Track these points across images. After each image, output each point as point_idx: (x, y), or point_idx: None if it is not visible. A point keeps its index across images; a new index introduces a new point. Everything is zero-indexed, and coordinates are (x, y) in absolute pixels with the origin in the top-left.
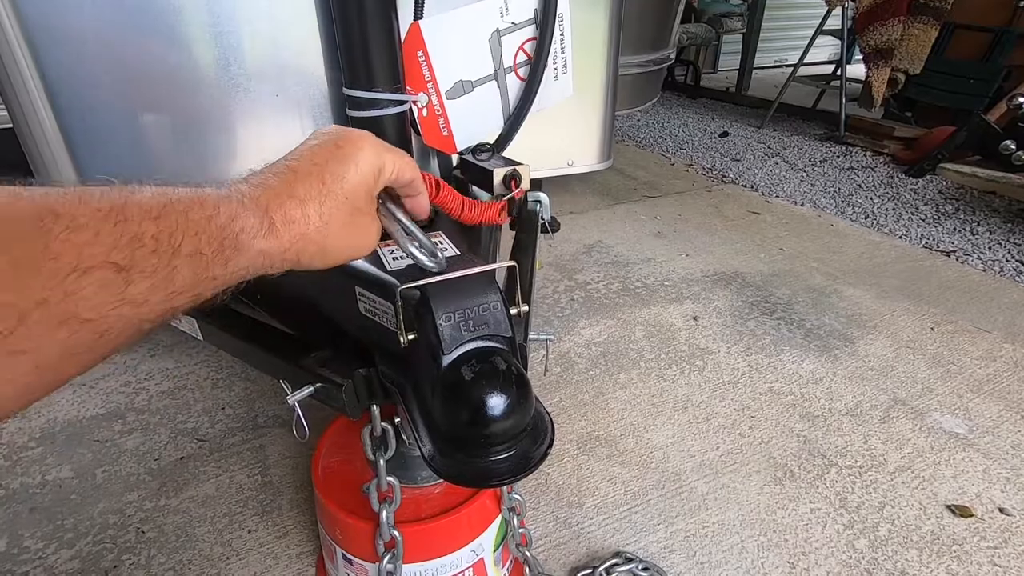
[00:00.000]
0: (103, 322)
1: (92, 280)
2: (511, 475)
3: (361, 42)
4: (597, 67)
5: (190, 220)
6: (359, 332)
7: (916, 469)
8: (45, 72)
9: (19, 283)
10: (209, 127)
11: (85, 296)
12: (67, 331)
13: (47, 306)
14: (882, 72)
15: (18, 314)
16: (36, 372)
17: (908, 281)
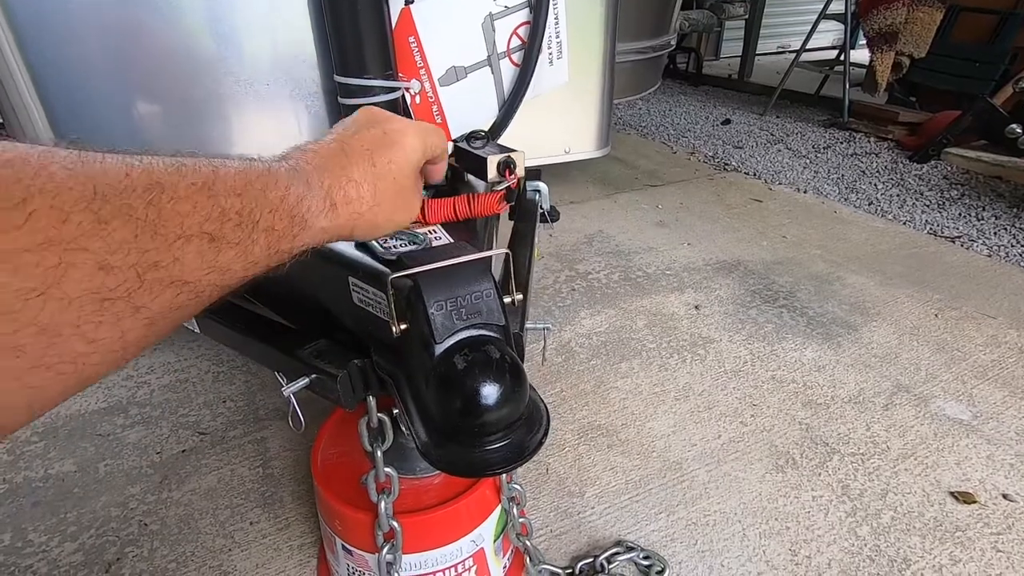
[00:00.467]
0: (198, 285)
1: (192, 248)
2: (506, 464)
3: (352, 28)
4: (594, 52)
5: (267, 199)
6: (353, 323)
7: (919, 456)
8: (34, 67)
9: (139, 248)
10: (202, 117)
11: (186, 262)
12: (173, 292)
13: (159, 268)
14: (886, 56)
15: (138, 275)
16: (147, 327)
17: (912, 267)
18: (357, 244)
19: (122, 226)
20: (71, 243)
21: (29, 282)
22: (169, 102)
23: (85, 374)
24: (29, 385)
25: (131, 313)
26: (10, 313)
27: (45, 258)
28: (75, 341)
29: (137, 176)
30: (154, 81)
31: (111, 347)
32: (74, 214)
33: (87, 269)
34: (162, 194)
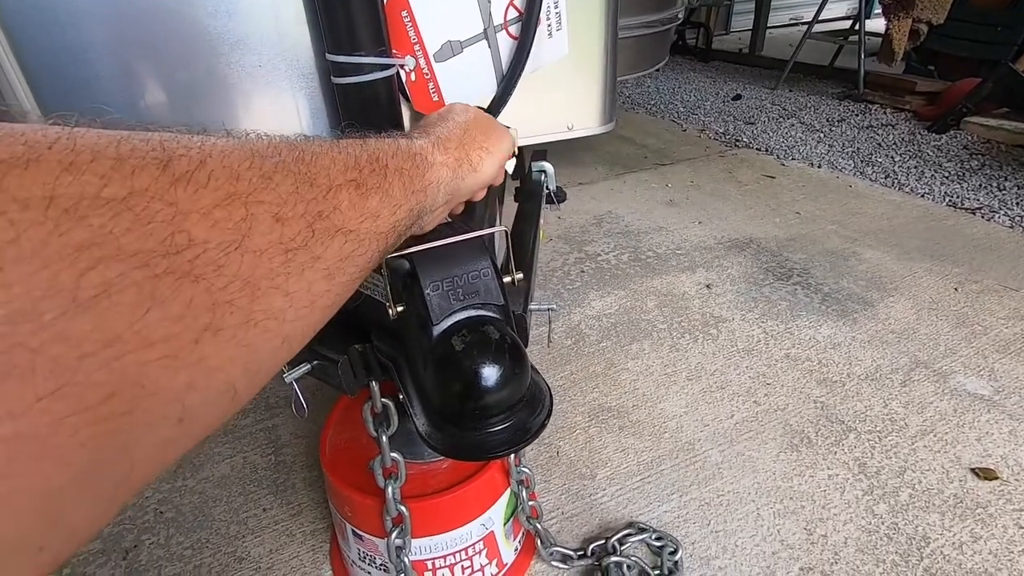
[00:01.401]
0: (358, 234)
1: (343, 196)
2: (508, 447)
3: (341, 3)
4: (594, 22)
5: (384, 145)
6: (353, 306)
7: (939, 432)
8: (22, 55)
9: (303, 198)
10: (197, 98)
11: (342, 210)
12: (340, 240)
13: (323, 218)
14: (903, 24)
15: (308, 224)
16: (327, 278)
17: (931, 241)
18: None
19: (283, 180)
20: (248, 197)
21: (227, 236)
22: (161, 82)
23: (286, 331)
24: (244, 343)
25: (311, 263)
26: (218, 268)
27: (232, 212)
28: (273, 295)
29: (278, 139)
30: (146, 60)
31: (302, 300)
32: (243, 171)
33: (267, 221)
34: (303, 152)
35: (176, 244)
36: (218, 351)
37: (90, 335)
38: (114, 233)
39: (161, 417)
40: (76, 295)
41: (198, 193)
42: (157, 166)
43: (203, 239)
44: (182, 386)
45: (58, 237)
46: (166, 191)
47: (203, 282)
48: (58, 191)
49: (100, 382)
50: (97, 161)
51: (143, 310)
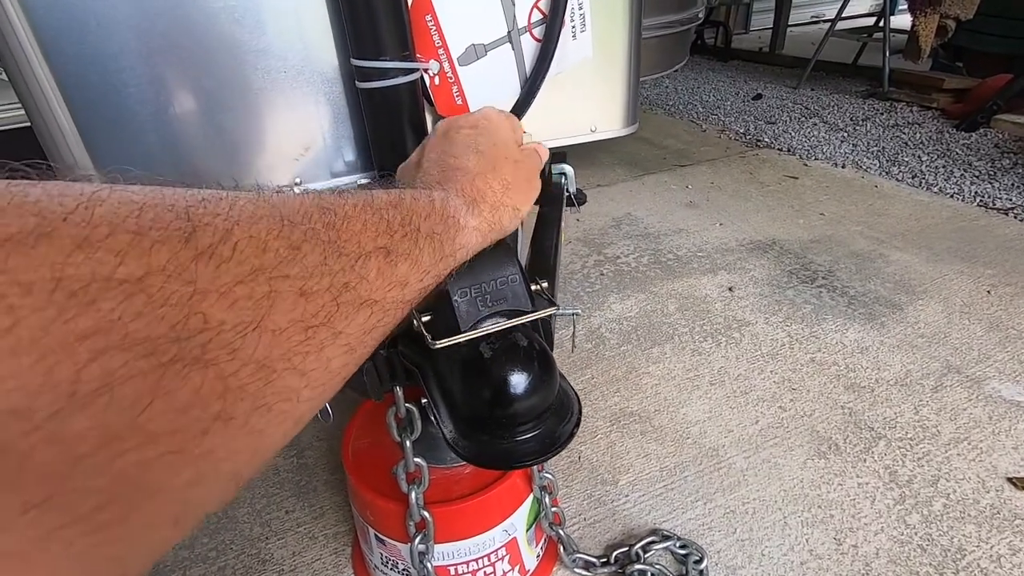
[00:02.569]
0: (384, 303)
1: (372, 264)
2: (537, 456)
3: (366, 8)
4: (618, 23)
5: (419, 206)
6: None
7: (973, 440)
8: (55, 65)
9: (330, 270)
10: (221, 108)
11: (370, 279)
12: (365, 313)
13: (349, 290)
14: (930, 20)
15: (334, 298)
16: (347, 353)
17: (961, 242)
18: None
19: (312, 250)
20: (274, 271)
21: (245, 315)
22: (187, 89)
23: (299, 412)
24: (254, 430)
25: (332, 339)
26: (233, 351)
27: (255, 289)
28: (288, 375)
29: (310, 202)
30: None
31: (319, 379)
32: (271, 241)
33: (290, 297)
34: (335, 216)
35: (189, 328)
36: (227, 442)
37: (87, 434)
38: (123, 319)
39: (160, 519)
40: (74, 390)
41: (220, 269)
42: (180, 239)
43: (219, 320)
44: (185, 483)
45: (61, 325)
46: (186, 268)
47: (214, 367)
48: (67, 272)
49: (96, 488)
50: (114, 236)
51: (147, 402)
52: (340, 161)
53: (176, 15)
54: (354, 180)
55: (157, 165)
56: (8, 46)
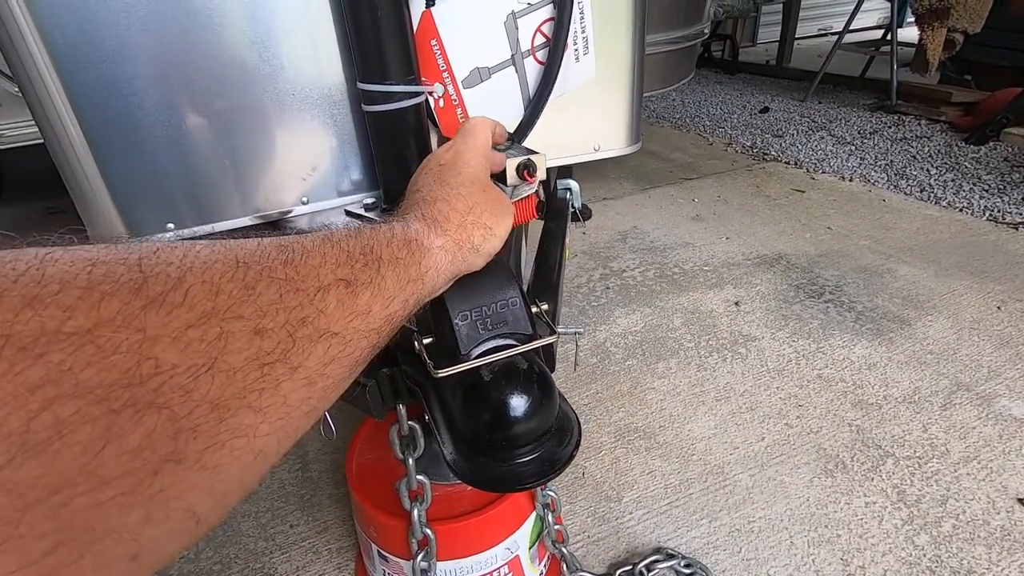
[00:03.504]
0: (346, 334)
1: (331, 297)
2: (536, 478)
3: (372, 34)
4: (621, 45)
5: (380, 234)
6: None
7: (983, 459)
8: (70, 87)
9: (286, 307)
10: (232, 129)
11: (329, 312)
12: (324, 345)
13: (307, 324)
14: (938, 34)
15: (289, 334)
16: (306, 386)
17: (970, 257)
18: None
19: (267, 289)
20: (227, 313)
21: (197, 358)
22: (200, 112)
23: (257, 446)
24: (208, 467)
25: (289, 374)
26: (185, 393)
27: (207, 331)
28: (243, 413)
29: (267, 242)
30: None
31: (276, 414)
32: (224, 284)
33: (245, 336)
34: (293, 252)
35: (141, 373)
36: (178, 481)
37: (37, 482)
38: (73, 369)
39: (113, 558)
40: (25, 440)
41: (172, 315)
42: (130, 290)
43: (172, 364)
44: (137, 522)
45: (12, 378)
46: (136, 317)
47: (167, 410)
48: (16, 328)
49: (46, 532)
50: (64, 292)
51: (98, 448)
52: (347, 181)
53: (189, 40)
54: (360, 199)
55: (168, 185)
56: (24, 67)
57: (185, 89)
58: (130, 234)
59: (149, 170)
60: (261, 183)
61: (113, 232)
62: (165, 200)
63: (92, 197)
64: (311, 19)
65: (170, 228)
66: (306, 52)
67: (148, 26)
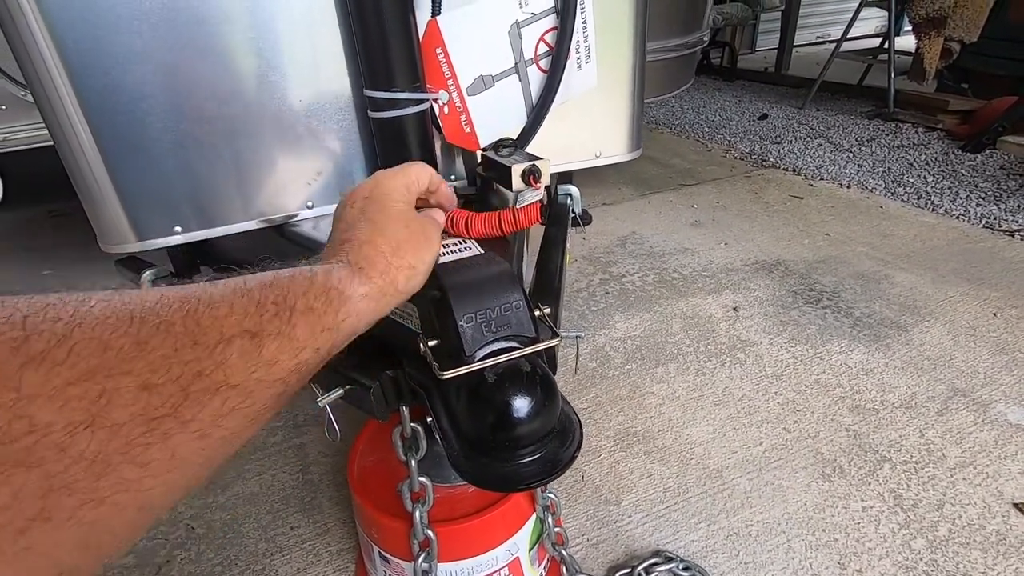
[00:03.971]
0: (246, 386)
1: (233, 349)
2: (538, 479)
3: (379, 42)
4: (623, 54)
5: (296, 283)
6: (386, 334)
7: (979, 465)
8: (81, 94)
9: (181, 361)
10: (239, 134)
11: (231, 364)
12: (220, 398)
13: (203, 377)
14: (934, 42)
15: (182, 388)
16: (199, 439)
17: (967, 264)
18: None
19: (161, 343)
20: (113, 369)
21: (76, 415)
22: (207, 118)
23: (142, 500)
24: (82, 522)
25: (180, 428)
26: (61, 450)
27: (89, 388)
28: (125, 468)
29: (171, 293)
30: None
31: (163, 467)
32: (114, 340)
33: (130, 392)
34: (198, 303)
35: (12, 432)
36: (47, 538)
37: None
38: None
39: None
40: None
41: (52, 372)
42: (9, 348)
43: (47, 422)
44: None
45: None
46: (11, 376)
47: (38, 469)
48: None
49: None
50: None
51: None
52: (351, 186)
53: (197, 48)
54: None
55: (175, 190)
56: (36, 72)
57: (192, 95)
58: (138, 237)
59: (157, 175)
60: (266, 188)
61: (121, 236)
62: (172, 204)
63: (101, 201)
64: (317, 27)
65: (177, 231)
66: (312, 59)
67: (157, 34)
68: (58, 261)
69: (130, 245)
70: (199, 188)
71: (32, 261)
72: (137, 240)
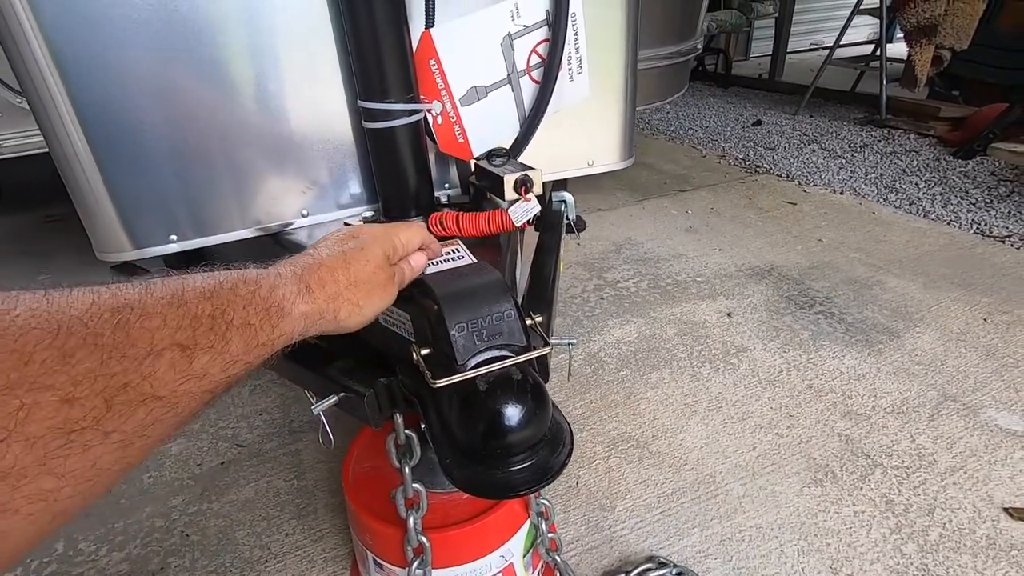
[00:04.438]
0: (173, 397)
1: (163, 362)
2: (530, 486)
3: (373, 53)
4: (614, 64)
5: (238, 296)
6: (380, 342)
7: (969, 469)
8: (76, 97)
9: (107, 373)
10: (235, 142)
11: (159, 376)
12: (145, 409)
13: (128, 389)
14: (926, 50)
15: (105, 400)
16: (121, 449)
17: (958, 269)
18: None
19: (88, 355)
20: (34, 383)
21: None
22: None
23: (58, 509)
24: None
25: (101, 439)
26: None
27: (7, 402)
28: (43, 479)
29: (104, 301)
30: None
31: (82, 477)
32: (37, 353)
33: (51, 406)
34: (131, 313)
35: None
36: None
37: None
38: None
39: None
40: None
41: None
42: None
43: None
44: None
45: None
46: None
47: None
48: None
49: None
50: None
51: None
52: (346, 194)
53: (192, 57)
54: (359, 212)
55: (170, 198)
56: (32, 80)
57: (188, 105)
58: (134, 246)
59: (152, 184)
60: (262, 197)
61: (117, 244)
62: (168, 213)
63: (96, 210)
64: (313, 38)
65: (172, 240)
66: (307, 70)
67: (153, 43)
68: (54, 266)
69: (126, 254)
70: (194, 197)
71: (29, 266)
72: (133, 248)
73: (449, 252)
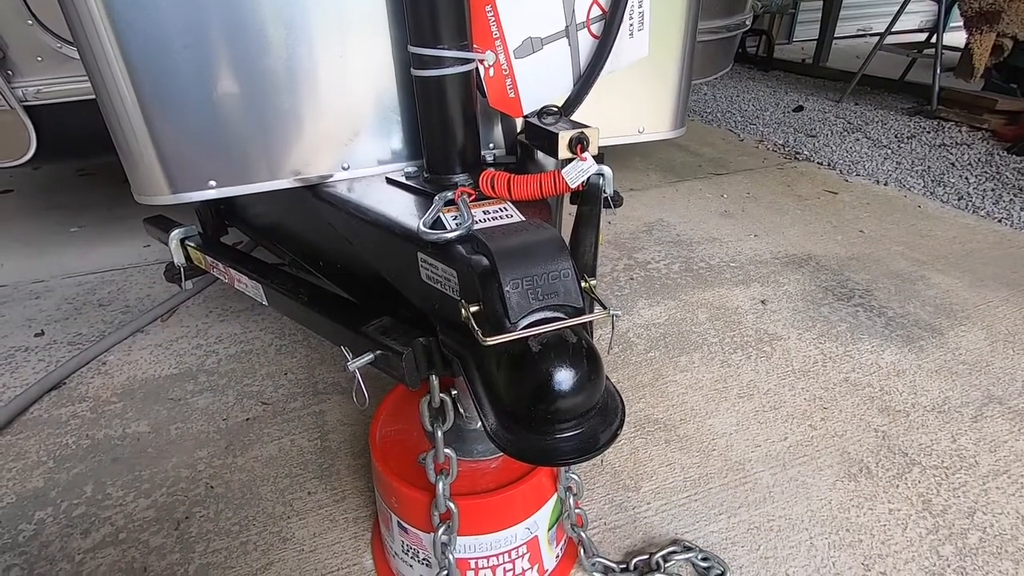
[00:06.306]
0: None
1: None
2: (577, 455)
3: None
4: (675, 23)
5: None
6: (421, 300)
7: (1013, 474)
8: (123, 40)
9: None
10: (277, 89)
11: None
12: None
13: None
14: (986, 38)
15: None
16: None
17: (1008, 268)
18: (427, 222)
19: None
20: None
21: None
22: (243, 75)
23: None
24: None
25: None
26: None
27: None
28: None
29: None
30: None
31: None
32: None
33: None
34: None
35: None
36: None
37: None
38: None
39: None
40: None
41: None
42: None
43: None
44: None
45: None
46: None
47: None
48: None
49: None
50: None
51: None
52: (388, 148)
53: (236, 1)
54: (401, 167)
55: (212, 143)
56: (83, 25)
57: (232, 46)
58: (172, 190)
59: (194, 128)
60: (302, 146)
61: (157, 187)
62: (208, 158)
63: (138, 153)
64: None
65: (211, 186)
66: (353, 13)
67: None
68: (87, 218)
69: (165, 197)
70: (235, 143)
71: (61, 218)
72: (171, 192)
73: (497, 209)
